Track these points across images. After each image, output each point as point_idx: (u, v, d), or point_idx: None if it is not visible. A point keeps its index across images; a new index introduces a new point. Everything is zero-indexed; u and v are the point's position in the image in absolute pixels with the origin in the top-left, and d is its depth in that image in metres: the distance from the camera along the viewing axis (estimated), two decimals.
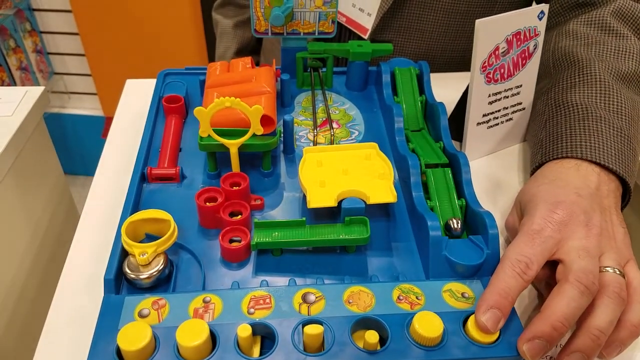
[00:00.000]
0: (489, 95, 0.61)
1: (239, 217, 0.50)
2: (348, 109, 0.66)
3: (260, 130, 0.52)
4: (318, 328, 0.40)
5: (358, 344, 0.41)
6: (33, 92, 0.78)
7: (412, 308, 0.44)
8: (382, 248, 0.50)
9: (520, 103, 0.64)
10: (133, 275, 0.45)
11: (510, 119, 0.65)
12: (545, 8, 0.59)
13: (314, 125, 0.63)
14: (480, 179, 0.62)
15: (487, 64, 0.58)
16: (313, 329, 0.40)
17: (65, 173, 0.93)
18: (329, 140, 0.61)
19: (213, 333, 0.41)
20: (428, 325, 0.41)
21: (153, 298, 0.44)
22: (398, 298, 0.45)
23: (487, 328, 0.41)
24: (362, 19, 0.78)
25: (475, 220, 0.49)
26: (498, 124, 0.64)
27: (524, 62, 0.61)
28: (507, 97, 0.62)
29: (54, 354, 0.46)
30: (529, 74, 0.63)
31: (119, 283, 0.46)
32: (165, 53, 1.80)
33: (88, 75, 1.93)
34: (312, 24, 0.63)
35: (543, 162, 0.55)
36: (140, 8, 1.69)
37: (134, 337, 0.39)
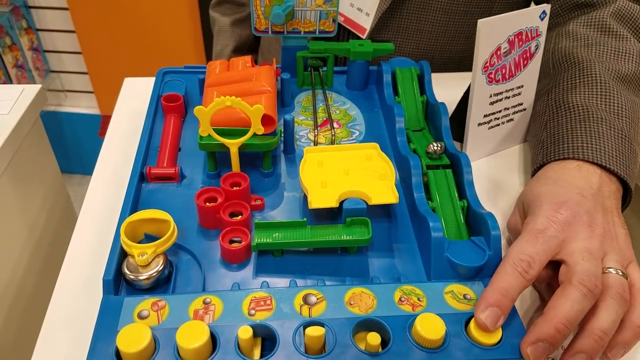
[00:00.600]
0: (491, 96, 0.60)
1: (239, 217, 0.50)
2: (349, 109, 0.66)
3: (261, 130, 0.52)
4: (319, 330, 0.40)
5: (360, 346, 0.41)
6: (30, 90, 0.77)
7: (413, 310, 0.44)
8: (383, 249, 0.50)
9: (522, 104, 0.64)
10: (132, 276, 0.44)
11: (512, 120, 0.64)
12: (547, 8, 0.58)
13: (315, 125, 0.62)
14: (481, 180, 0.62)
15: (488, 64, 0.58)
16: (314, 331, 0.40)
17: (62, 172, 0.93)
18: (330, 140, 0.61)
19: (213, 335, 0.41)
20: (430, 327, 0.41)
21: (153, 299, 0.44)
22: (400, 299, 0.44)
23: (486, 326, 0.41)
24: (360, 19, 0.77)
25: (477, 222, 0.49)
26: (499, 125, 0.64)
27: (526, 62, 0.61)
28: (508, 97, 0.62)
29: (52, 356, 0.45)
30: (531, 75, 0.62)
31: (118, 284, 0.45)
32: (163, 51, 1.79)
33: (85, 74, 1.92)
34: (312, 23, 0.63)
35: (544, 162, 0.55)
36: (137, 6, 1.68)
37: (134, 338, 0.39)
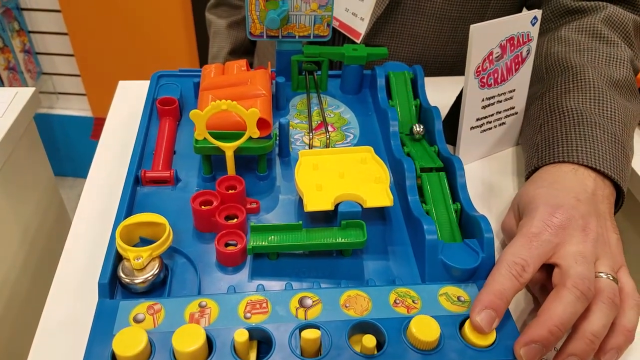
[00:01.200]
0: (483, 100, 0.61)
1: (235, 220, 0.50)
2: (343, 112, 0.66)
3: (257, 134, 0.52)
4: (315, 332, 0.40)
5: (355, 348, 0.41)
6: (23, 93, 0.77)
7: (408, 312, 0.44)
8: (378, 252, 0.51)
9: (513, 107, 0.65)
10: (128, 280, 0.44)
11: (504, 123, 0.65)
12: (539, 14, 0.59)
13: (310, 129, 0.63)
14: (474, 183, 0.63)
15: (481, 69, 0.58)
16: (310, 334, 0.40)
17: (54, 174, 0.93)
18: (325, 144, 0.61)
19: (209, 338, 0.41)
20: (425, 329, 0.41)
21: (148, 303, 0.44)
22: (394, 302, 0.45)
23: (481, 328, 0.42)
24: (355, 24, 0.78)
25: (471, 224, 0.50)
26: (491, 128, 0.64)
27: (517, 67, 0.61)
28: (500, 101, 0.63)
29: (48, 357, 0.45)
30: (522, 79, 0.63)
31: (114, 287, 0.45)
32: (156, 54, 1.79)
33: (77, 76, 1.92)
34: (307, 27, 0.63)
35: (539, 165, 0.56)
36: (130, 8, 1.68)
37: (130, 342, 0.39)
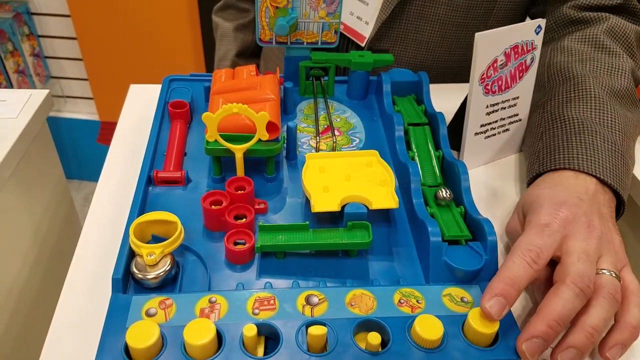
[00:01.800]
0: (487, 106, 0.62)
1: (244, 220, 0.51)
2: (349, 117, 0.68)
3: (266, 136, 0.53)
4: (322, 329, 0.41)
5: (360, 346, 0.42)
6: (37, 95, 0.79)
7: (412, 311, 0.45)
8: (383, 253, 0.52)
9: (517, 114, 0.66)
10: (140, 275, 0.46)
11: (507, 130, 0.66)
12: (542, 23, 0.60)
13: (316, 132, 0.64)
14: (478, 188, 0.64)
15: (485, 76, 0.60)
16: (317, 330, 0.41)
17: None
18: (331, 147, 0.63)
19: (219, 332, 0.42)
20: (429, 328, 0.42)
21: (160, 298, 0.45)
22: (399, 301, 0.46)
23: (490, 315, 0.42)
24: (359, 27, 0.79)
25: (474, 227, 0.51)
26: (495, 135, 0.66)
27: (521, 74, 0.63)
28: (504, 108, 0.64)
29: (61, 353, 0.46)
30: (526, 87, 0.64)
31: (127, 283, 0.46)
32: (163, 59, 1.81)
33: (84, 80, 1.94)
34: (315, 34, 0.65)
35: (541, 172, 0.57)
36: (139, 14, 1.70)
37: (142, 335, 0.40)
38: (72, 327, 0.48)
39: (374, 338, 0.42)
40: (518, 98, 0.65)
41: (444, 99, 0.70)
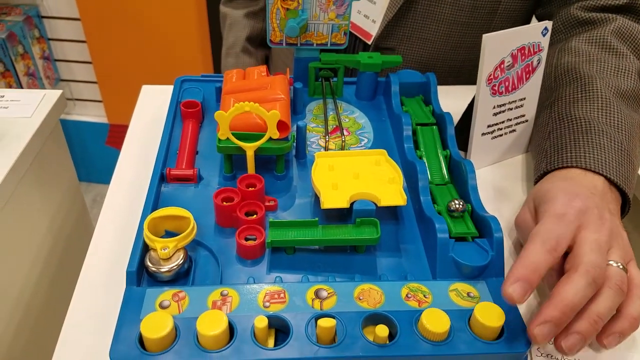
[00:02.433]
0: (494, 107, 0.63)
1: (255, 216, 0.52)
2: (357, 118, 0.69)
3: (277, 135, 0.54)
4: (331, 321, 0.42)
5: (368, 338, 0.43)
6: (51, 95, 0.80)
7: (420, 305, 0.46)
8: (390, 249, 0.53)
9: (524, 115, 0.67)
10: (154, 269, 0.47)
11: (514, 131, 0.67)
12: (549, 25, 0.61)
13: (325, 132, 0.65)
14: (485, 188, 0.65)
15: (492, 77, 0.61)
16: (326, 322, 0.42)
17: None
18: (340, 147, 0.64)
19: (231, 324, 0.43)
20: (435, 321, 0.43)
21: (173, 290, 0.46)
22: (406, 296, 0.47)
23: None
24: (366, 25, 0.81)
25: (481, 224, 0.52)
26: (502, 135, 0.66)
27: (528, 76, 0.64)
28: (511, 109, 0.65)
29: (77, 345, 0.48)
30: (533, 88, 0.65)
31: (140, 276, 0.47)
32: (171, 62, 1.82)
33: (94, 83, 1.96)
34: (325, 36, 0.66)
35: (548, 170, 0.58)
36: (148, 17, 1.72)
37: (156, 325, 0.41)
38: (87, 318, 0.49)
39: (382, 330, 0.43)
40: (525, 99, 0.65)
41: (452, 100, 0.71)
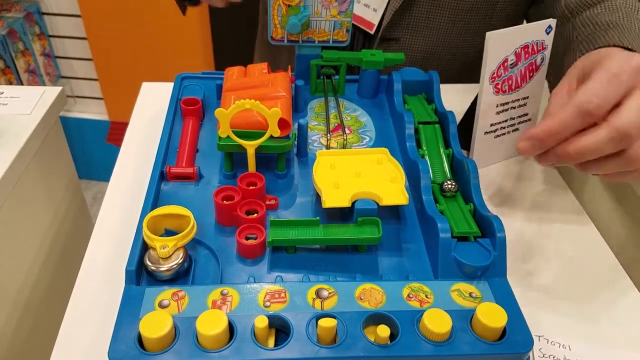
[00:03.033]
0: (497, 106, 0.63)
1: (255, 215, 0.52)
2: (359, 116, 0.68)
3: (278, 132, 0.54)
4: (332, 321, 0.42)
5: (369, 338, 0.43)
6: (50, 92, 0.80)
7: (421, 305, 0.46)
8: (392, 249, 0.52)
9: (527, 114, 0.66)
10: (154, 267, 0.46)
11: (517, 130, 0.67)
12: (553, 23, 0.61)
13: (327, 130, 0.65)
14: (487, 187, 0.64)
15: (495, 75, 0.60)
16: (327, 322, 0.42)
17: None
18: (342, 145, 0.63)
19: (231, 323, 0.43)
20: (437, 322, 0.43)
21: (173, 290, 0.46)
22: (408, 296, 0.47)
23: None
24: (367, 15, 0.80)
25: (484, 224, 0.51)
26: (505, 134, 0.66)
27: (531, 74, 0.63)
28: (514, 107, 0.64)
29: (75, 344, 0.47)
30: (536, 86, 0.65)
31: (140, 275, 0.47)
32: (172, 59, 1.82)
33: (94, 80, 1.95)
34: (327, 33, 0.65)
35: (590, 49, 0.56)
36: (149, 14, 1.72)
37: (156, 325, 0.41)
38: (86, 317, 0.49)
39: (383, 330, 0.42)
40: (528, 98, 0.65)
41: (454, 98, 0.70)
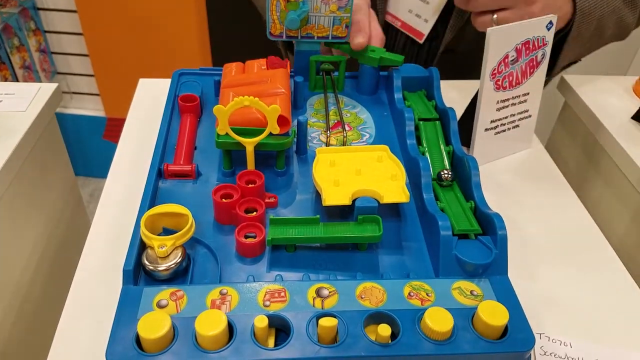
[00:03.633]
0: (498, 102, 0.62)
1: (254, 213, 0.51)
2: (359, 112, 0.68)
3: (277, 130, 0.53)
4: (332, 321, 0.42)
5: (370, 337, 0.42)
6: (46, 88, 0.79)
7: (422, 304, 0.45)
8: (392, 247, 0.52)
9: (527, 110, 0.66)
10: (151, 267, 0.46)
11: (517, 126, 0.66)
12: (554, 19, 0.60)
13: (327, 127, 0.64)
14: (487, 184, 0.64)
15: (496, 71, 0.60)
16: (327, 322, 0.41)
17: None
18: (341, 142, 0.63)
19: (230, 323, 0.42)
20: (439, 320, 0.42)
21: (171, 289, 0.45)
22: (409, 294, 0.46)
23: None
24: (418, 25, 0.80)
25: (484, 222, 0.51)
26: (505, 130, 0.66)
27: (532, 70, 0.63)
28: (514, 104, 0.64)
29: (72, 344, 0.47)
30: (536, 83, 0.64)
31: (137, 274, 0.47)
32: (169, 55, 1.81)
33: (91, 76, 1.94)
34: (326, 28, 0.65)
35: None
36: (145, 9, 1.71)
37: (154, 325, 0.40)
38: (83, 317, 0.49)
39: (384, 330, 0.42)
40: (528, 94, 0.65)
41: (455, 95, 0.70)
